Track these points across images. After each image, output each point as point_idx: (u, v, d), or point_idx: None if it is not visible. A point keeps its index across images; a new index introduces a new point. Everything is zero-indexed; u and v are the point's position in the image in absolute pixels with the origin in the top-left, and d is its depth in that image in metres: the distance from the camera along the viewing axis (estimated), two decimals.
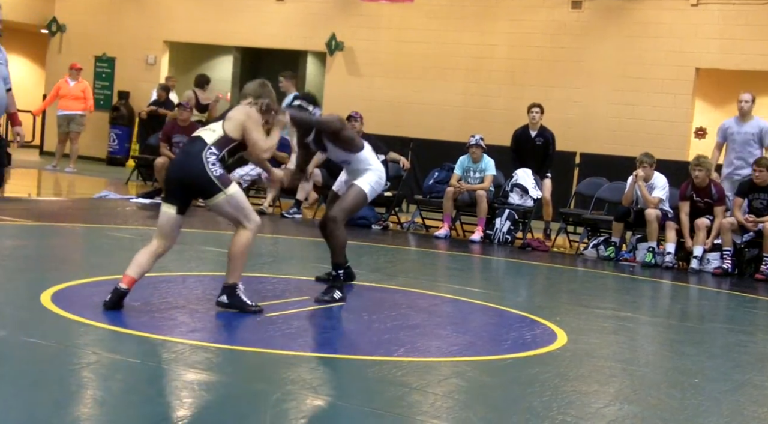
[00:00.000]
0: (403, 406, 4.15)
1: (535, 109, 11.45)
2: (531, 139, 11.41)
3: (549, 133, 11.44)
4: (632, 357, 5.68)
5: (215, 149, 5.65)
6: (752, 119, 10.42)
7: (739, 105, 10.44)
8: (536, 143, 11.39)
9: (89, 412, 3.77)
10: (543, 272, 9.47)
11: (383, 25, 16.51)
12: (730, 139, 10.45)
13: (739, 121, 10.46)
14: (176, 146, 12.25)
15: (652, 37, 14.59)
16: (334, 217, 6.66)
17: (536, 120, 11.43)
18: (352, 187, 6.72)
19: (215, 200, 5.65)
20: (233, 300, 5.69)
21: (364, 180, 6.73)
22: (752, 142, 10.29)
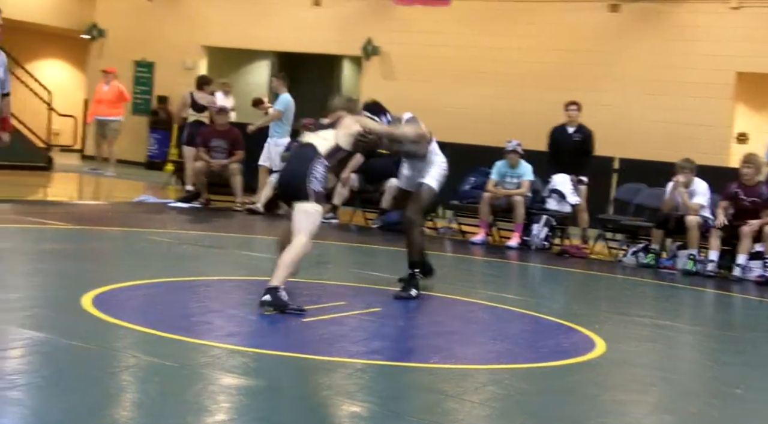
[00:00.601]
0: (439, 413, 4.13)
1: (572, 106, 11.33)
2: (568, 135, 11.28)
3: (587, 130, 11.30)
4: (672, 366, 5.62)
5: (325, 160, 6.08)
6: None
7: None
8: (574, 139, 11.26)
9: (128, 415, 3.79)
10: (581, 279, 9.39)
11: (418, 29, 16.50)
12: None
13: None
14: (214, 150, 12.34)
15: (690, 40, 14.44)
16: (411, 218, 6.96)
17: (574, 117, 11.30)
18: (422, 187, 6.99)
19: (299, 206, 5.96)
20: (275, 300, 5.75)
21: (431, 177, 7.01)
22: None
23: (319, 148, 6.06)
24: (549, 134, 11.50)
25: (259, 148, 13.40)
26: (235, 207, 12.04)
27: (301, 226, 5.94)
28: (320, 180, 5.97)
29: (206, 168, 12.20)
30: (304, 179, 5.93)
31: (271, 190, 12.09)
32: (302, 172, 5.96)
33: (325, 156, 6.06)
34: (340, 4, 17.22)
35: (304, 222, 5.93)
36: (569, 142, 11.22)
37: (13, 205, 10.47)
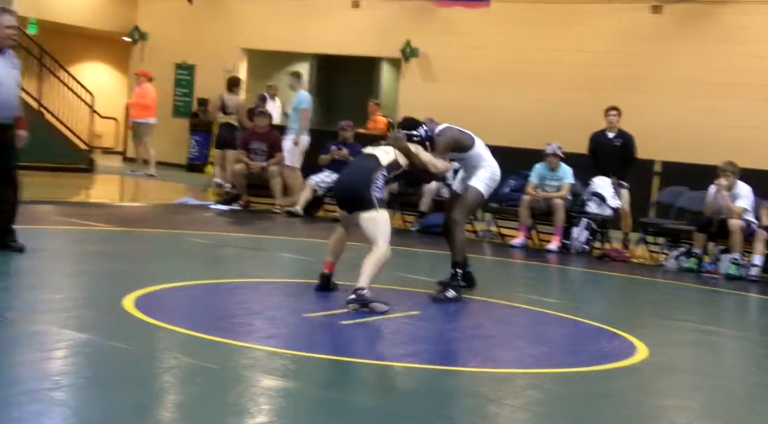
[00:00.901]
0: (479, 417, 4.11)
1: (612, 111, 11.26)
2: (609, 140, 11.20)
3: (628, 135, 11.22)
4: (715, 371, 5.54)
5: (386, 171, 6.44)
6: None
7: None
8: (614, 144, 11.17)
9: (169, 416, 3.82)
10: (622, 283, 9.30)
11: (457, 31, 16.46)
12: None
13: None
14: (254, 153, 12.40)
15: (734, 42, 14.25)
16: (455, 218, 7.08)
17: (614, 122, 11.23)
18: (468, 189, 7.10)
19: (365, 215, 6.28)
20: (359, 298, 6.04)
21: (477, 179, 7.10)
22: None
23: (381, 159, 6.47)
24: (589, 140, 11.42)
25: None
26: (274, 209, 12.09)
27: (374, 234, 6.28)
28: (380, 189, 6.35)
29: (246, 170, 12.27)
30: (366, 189, 6.28)
31: (310, 193, 12.13)
32: (364, 182, 6.32)
33: (385, 167, 6.45)
34: (379, 6, 17.23)
35: (376, 230, 6.27)
36: (610, 148, 11.14)
37: (56, 206, 10.61)
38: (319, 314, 5.99)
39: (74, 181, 14.70)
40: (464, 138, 7.17)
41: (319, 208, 12.53)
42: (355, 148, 12.43)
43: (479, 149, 7.16)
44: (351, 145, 12.44)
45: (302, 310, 6.09)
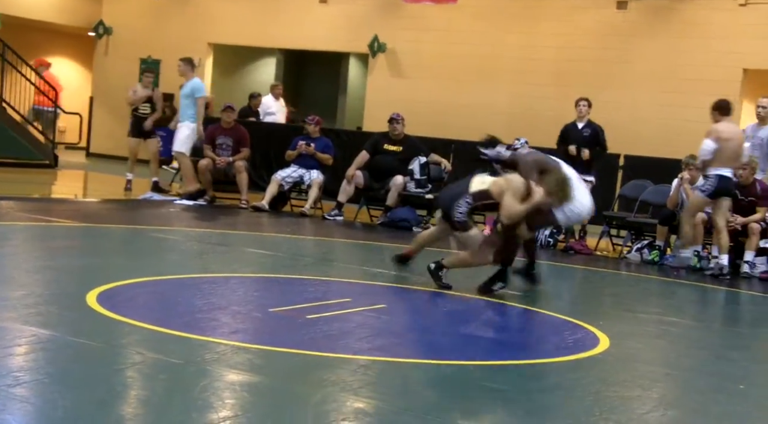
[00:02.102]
0: (443, 409, 4.14)
1: (582, 102, 11.29)
2: (578, 130, 11.25)
3: (597, 126, 11.26)
4: (676, 362, 5.62)
5: (470, 199, 6.91)
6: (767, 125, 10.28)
7: (757, 110, 10.30)
8: (584, 135, 11.23)
9: (133, 412, 3.81)
10: (585, 276, 9.40)
11: (426, 26, 16.50)
12: (753, 144, 10.27)
13: (756, 127, 10.33)
14: (220, 148, 12.36)
15: (698, 37, 14.42)
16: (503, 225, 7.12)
17: (583, 113, 11.27)
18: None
19: (456, 234, 7.12)
20: (434, 271, 6.93)
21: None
22: (763, 147, 10.14)
23: (472, 186, 6.93)
24: (561, 131, 11.45)
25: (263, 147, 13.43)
26: (240, 205, 12.06)
27: (469, 249, 7.03)
28: (462, 213, 6.89)
29: (212, 165, 12.22)
30: (449, 210, 6.95)
31: (276, 188, 12.11)
32: (447, 204, 7.01)
33: (471, 195, 6.88)
34: (346, 2, 17.23)
35: (468, 246, 7.02)
36: (578, 138, 11.19)
37: (19, 202, 10.51)
38: (285, 308, 6.00)
39: (37, 177, 14.57)
40: (548, 163, 7.14)
41: (285, 203, 12.52)
42: (321, 142, 12.45)
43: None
44: (317, 139, 12.44)
45: (268, 305, 6.09)
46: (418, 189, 11.69)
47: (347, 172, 11.84)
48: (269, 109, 15.40)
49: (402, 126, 11.91)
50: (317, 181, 12.04)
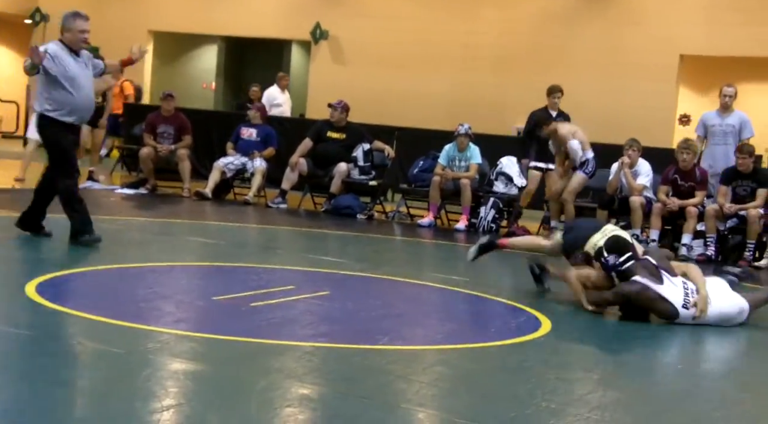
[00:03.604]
0: (388, 394, 4.17)
1: (558, 93, 11.36)
2: (553, 119, 11.33)
3: (566, 114, 11.37)
4: (616, 344, 5.72)
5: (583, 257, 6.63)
6: (733, 112, 10.46)
7: (723, 99, 10.45)
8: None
9: (74, 402, 3.78)
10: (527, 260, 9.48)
11: (369, 13, 16.50)
12: (710, 132, 10.48)
13: (720, 114, 10.50)
14: (161, 137, 12.23)
15: (636, 24, 14.64)
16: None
17: (557, 104, 11.35)
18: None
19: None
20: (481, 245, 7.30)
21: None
22: (731, 134, 10.33)
23: (595, 240, 6.58)
24: (528, 119, 11.48)
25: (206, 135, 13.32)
26: (182, 193, 11.95)
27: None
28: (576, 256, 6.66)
29: (153, 154, 12.09)
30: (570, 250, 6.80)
31: (218, 176, 12.02)
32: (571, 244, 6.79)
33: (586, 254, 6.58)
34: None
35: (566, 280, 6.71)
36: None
37: None
38: (228, 296, 5.97)
39: None
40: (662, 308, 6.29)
41: (228, 191, 12.44)
42: (263, 130, 12.38)
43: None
44: (259, 126, 12.39)
45: (211, 293, 6.06)
46: (362, 176, 11.70)
47: (290, 160, 11.80)
48: (275, 101, 14.96)
49: (341, 113, 11.87)
50: (260, 168, 11.98)
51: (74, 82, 7.17)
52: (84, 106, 7.30)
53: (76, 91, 7.17)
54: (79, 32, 7.34)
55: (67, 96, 7.15)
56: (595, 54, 14.78)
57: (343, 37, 16.78)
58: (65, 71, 7.14)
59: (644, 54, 14.46)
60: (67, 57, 7.21)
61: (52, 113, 7.19)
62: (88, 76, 7.36)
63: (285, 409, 3.85)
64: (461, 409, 4.04)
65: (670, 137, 14.36)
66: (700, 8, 14.34)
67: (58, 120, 7.18)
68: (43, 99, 7.23)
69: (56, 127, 7.20)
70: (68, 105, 7.17)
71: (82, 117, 7.35)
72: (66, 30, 7.39)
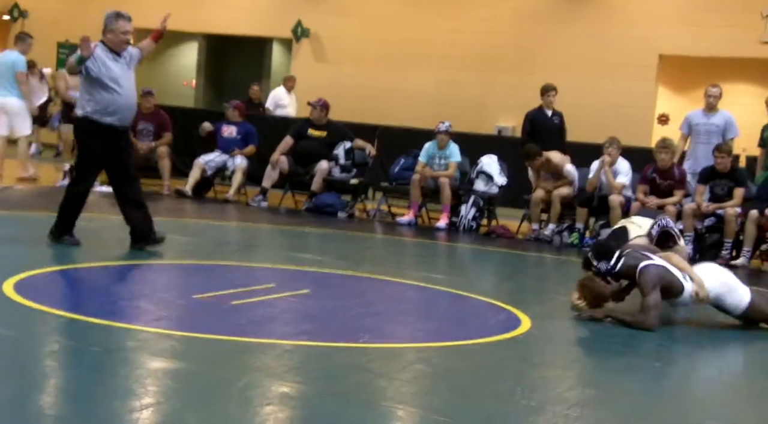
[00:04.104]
0: (368, 392, 4.18)
1: (552, 92, 11.39)
2: (548, 118, 11.34)
3: (560, 112, 11.40)
4: (594, 342, 5.75)
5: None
6: (718, 112, 10.52)
7: (708, 100, 10.50)
8: (554, 122, 11.33)
9: (52, 401, 3.76)
10: (507, 259, 9.53)
11: (350, 11, 16.49)
12: (695, 131, 10.53)
13: (706, 114, 10.54)
14: (141, 134, 12.18)
15: (616, 23, 14.71)
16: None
17: (552, 103, 11.38)
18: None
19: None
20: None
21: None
22: (716, 134, 10.39)
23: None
24: (526, 119, 11.50)
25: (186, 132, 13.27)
26: (163, 191, 11.91)
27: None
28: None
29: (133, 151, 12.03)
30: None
31: (199, 173, 11.98)
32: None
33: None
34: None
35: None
36: (550, 126, 11.28)
37: None
38: (209, 294, 5.96)
39: None
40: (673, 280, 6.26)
41: (209, 189, 12.41)
42: (243, 128, 12.35)
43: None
44: (239, 124, 12.36)
45: (191, 291, 6.05)
46: (343, 174, 11.70)
47: (271, 158, 11.79)
48: (281, 102, 14.83)
49: (321, 111, 11.86)
50: (241, 166, 11.96)
51: (116, 82, 7.10)
52: (127, 106, 7.22)
53: (119, 91, 7.10)
54: (122, 33, 7.30)
55: (111, 97, 7.08)
56: (576, 53, 14.83)
57: (324, 35, 16.76)
58: (107, 73, 7.07)
59: (624, 53, 14.53)
60: (108, 58, 7.16)
61: (94, 115, 7.08)
62: (129, 77, 7.29)
63: (265, 407, 3.85)
64: (441, 407, 4.06)
65: (648, 136, 14.43)
66: (678, 9, 14.42)
67: (99, 122, 7.07)
68: (84, 101, 7.13)
69: (93, 132, 7.10)
70: (111, 105, 7.09)
71: (124, 118, 7.24)
72: (108, 31, 7.32)
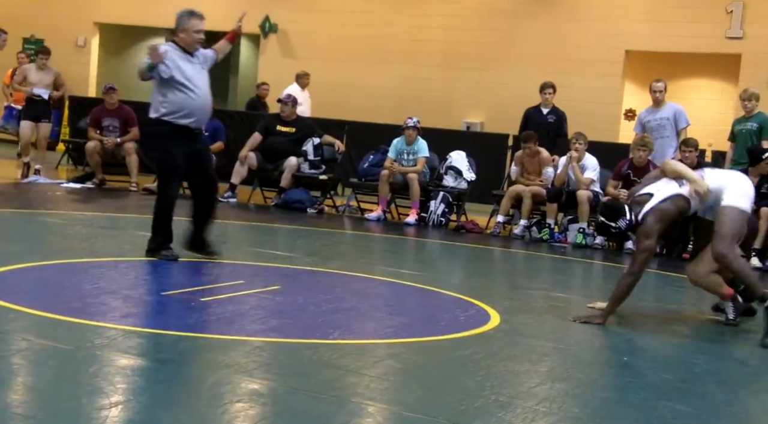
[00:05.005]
0: (338, 388, 4.18)
1: (548, 89, 11.42)
2: (543, 116, 11.38)
3: (561, 112, 11.43)
4: (563, 336, 5.79)
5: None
6: (665, 105, 10.61)
7: (653, 95, 10.60)
8: (548, 121, 11.36)
9: (20, 399, 3.72)
10: (477, 254, 9.56)
11: (318, 7, 16.45)
12: (647, 128, 10.61)
13: (653, 110, 10.64)
14: (106, 130, 12.08)
15: (582, 19, 14.80)
16: (721, 253, 6.05)
17: (549, 100, 11.43)
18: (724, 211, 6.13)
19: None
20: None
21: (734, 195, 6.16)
22: (668, 127, 10.48)
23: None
24: (523, 116, 11.55)
25: None
26: (130, 187, 11.82)
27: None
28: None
29: (99, 147, 11.94)
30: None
31: None
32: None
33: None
34: None
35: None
36: (543, 124, 11.32)
37: None
38: (178, 291, 5.93)
39: None
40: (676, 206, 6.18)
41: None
42: (211, 125, 12.26)
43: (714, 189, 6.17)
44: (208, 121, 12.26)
45: (160, 288, 6.02)
46: (312, 170, 11.68)
47: (240, 154, 11.74)
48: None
49: (292, 107, 11.86)
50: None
51: (190, 83, 6.90)
52: (202, 107, 7.00)
53: (194, 92, 6.89)
54: (195, 32, 7.11)
55: (185, 98, 6.87)
56: (542, 49, 14.91)
57: (292, 30, 16.71)
58: (180, 73, 6.87)
59: (590, 49, 14.63)
60: (181, 59, 6.95)
61: (168, 117, 6.87)
62: (204, 77, 7.07)
63: (235, 404, 3.84)
64: (411, 402, 4.06)
65: (616, 132, 14.56)
66: (644, 5, 14.54)
67: (173, 124, 6.87)
68: (158, 103, 6.91)
69: (168, 135, 6.89)
70: (186, 107, 6.88)
71: (199, 119, 7.03)
72: (180, 30, 7.11)
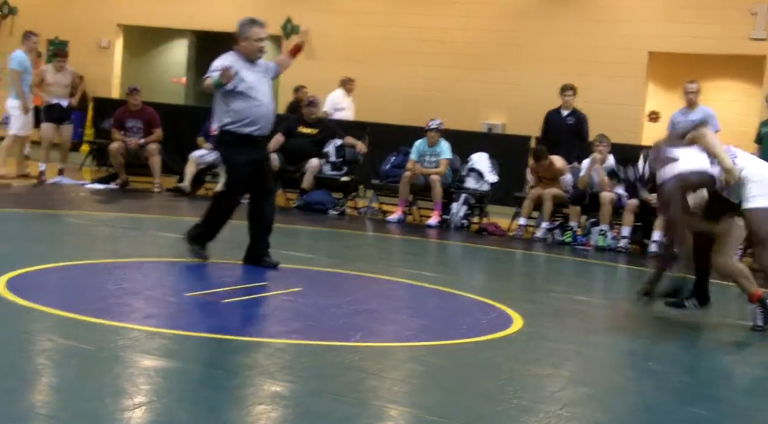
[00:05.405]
0: (360, 391, 4.18)
1: (568, 91, 11.42)
2: (563, 118, 11.37)
3: (581, 114, 11.41)
4: (586, 340, 5.76)
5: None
6: (698, 107, 10.55)
7: (687, 96, 10.55)
8: (568, 123, 11.34)
9: (44, 399, 3.75)
10: (499, 257, 9.54)
11: (339, 9, 16.46)
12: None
13: (685, 111, 10.58)
14: (130, 131, 12.14)
15: (604, 21, 14.73)
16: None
17: (569, 102, 11.41)
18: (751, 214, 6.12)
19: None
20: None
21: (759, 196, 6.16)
22: None
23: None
24: (544, 118, 11.55)
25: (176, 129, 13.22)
26: (153, 188, 11.88)
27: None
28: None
29: (123, 148, 12.01)
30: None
31: (194, 168, 11.91)
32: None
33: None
34: None
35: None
36: (562, 126, 11.30)
37: None
38: (201, 292, 5.95)
39: None
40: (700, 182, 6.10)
41: (200, 186, 12.36)
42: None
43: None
44: None
45: (183, 289, 6.04)
46: (334, 172, 11.69)
47: None
48: (339, 105, 14.30)
49: (317, 108, 11.93)
50: None
51: (253, 92, 6.88)
52: (265, 116, 6.97)
53: (256, 101, 6.88)
54: (256, 40, 7.09)
55: (248, 107, 6.86)
56: (564, 50, 14.84)
57: (314, 32, 16.67)
58: (243, 82, 6.85)
59: (613, 51, 14.56)
60: (243, 67, 6.94)
61: (231, 126, 6.86)
62: (266, 86, 7.06)
63: (257, 406, 3.84)
64: (433, 406, 4.06)
65: (638, 134, 14.47)
66: (668, 6, 14.44)
67: (237, 133, 6.86)
68: (222, 112, 6.92)
69: (233, 144, 6.89)
70: (249, 116, 6.86)
71: (263, 128, 6.98)
72: (242, 39, 7.11)
